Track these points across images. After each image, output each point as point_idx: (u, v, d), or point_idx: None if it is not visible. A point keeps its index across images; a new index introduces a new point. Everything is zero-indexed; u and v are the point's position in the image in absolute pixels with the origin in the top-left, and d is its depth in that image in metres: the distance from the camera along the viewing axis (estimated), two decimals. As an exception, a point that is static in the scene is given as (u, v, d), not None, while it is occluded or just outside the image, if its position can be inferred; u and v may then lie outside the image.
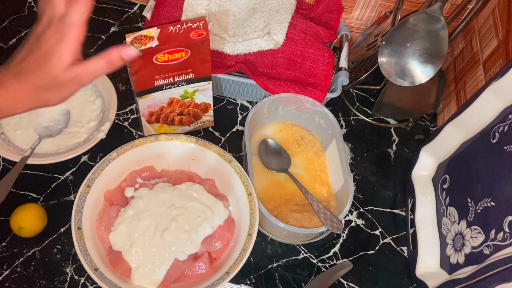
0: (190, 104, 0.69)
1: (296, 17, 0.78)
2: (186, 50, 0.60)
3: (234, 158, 0.64)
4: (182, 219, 0.59)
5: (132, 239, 0.57)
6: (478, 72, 0.73)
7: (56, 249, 0.61)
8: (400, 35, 0.69)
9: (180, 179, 0.65)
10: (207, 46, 0.61)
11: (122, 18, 0.86)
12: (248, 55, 0.74)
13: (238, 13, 0.79)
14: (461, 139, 0.66)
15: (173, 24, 0.59)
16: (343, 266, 0.64)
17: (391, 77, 0.70)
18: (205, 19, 0.60)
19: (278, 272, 0.64)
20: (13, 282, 0.58)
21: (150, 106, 0.66)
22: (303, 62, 0.75)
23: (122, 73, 0.78)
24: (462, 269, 0.58)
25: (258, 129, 0.75)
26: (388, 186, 0.76)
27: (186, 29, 0.60)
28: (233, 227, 0.62)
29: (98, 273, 0.53)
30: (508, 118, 0.57)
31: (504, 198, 0.54)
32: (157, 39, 0.58)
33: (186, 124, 0.72)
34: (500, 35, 0.69)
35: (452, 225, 0.63)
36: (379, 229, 0.71)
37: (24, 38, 0.79)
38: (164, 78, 0.63)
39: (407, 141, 0.82)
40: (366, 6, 0.83)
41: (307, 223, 0.65)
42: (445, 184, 0.67)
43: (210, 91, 0.68)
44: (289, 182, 0.69)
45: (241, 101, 0.80)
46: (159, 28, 0.58)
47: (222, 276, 0.55)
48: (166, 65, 0.61)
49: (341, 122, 0.82)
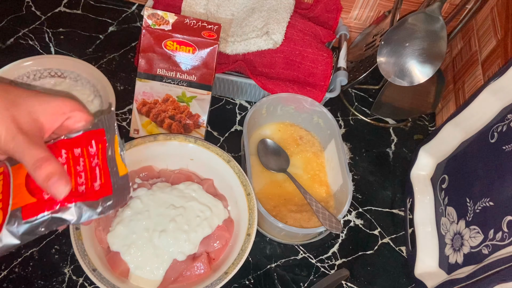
0: (184, 110, 0.68)
1: (294, 16, 0.78)
2: (194, 47, 0.61)
3: (232, 158, 0.64)
4: (181, 219, 0.59)
5: (130, 239, 0.57)
6: (476, 71, 0.73)
7: (54, 250, 0.61)
8: (399, 35, 0.69)
9: (179, 179, 0.65)
10: (214, 50, 0.62)
11: (120, 18, 0.86)
12: (246, 55, 0.74)
13: (237, 13, 0.78)
14: (459, 139, 0.66)
15: (189, 18, 0.63)
16: (339, 274, 0.63)
17: (390, 77, 0.70)
18: (220, 24, 0.64)
19: (277, 272, 0.64)
20: (11, 282, 0.57)
21: (146, 94, 0.67)
22: (302, 62, 0.75)
23: (121, 73, 0.78)
24: (461, 269, 0.58)
25: (257, 129, 0.75)
26: (387, 186, 0.76)
27: (200, 26, 0.63)
28: (231, 227, 0.62)
29: (96, 274, 0.52)
30: (506, 118, 0.57)
31: (503, 198, 0.54)
32: (171, 25, 0.60)
33: (174, 131, 0.70)
34: (498, 34, 0.69)
35: (451, 225, 0.63)
36: (378, 229, 0.71)
37: (21, 38, 0.80)
38: (167, 70, 0.64)
39: (406, 141, 0.82)
40: (365, 5, 0.83)
41: (306, 223, 0.65)
42: (444, 184, 0.67)
43: (208, 104, 0.68)
44: (288, 182, 0.69)
45: (240, 101, 0.80)
46: (177, 15, 0.62)
47: (221, 276, 0.55)
48: (173, 56, 0.63)
49: (340, 122, 0.82)
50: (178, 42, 0.62)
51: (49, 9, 0.84)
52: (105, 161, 0.44)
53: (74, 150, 0.44)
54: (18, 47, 0.78)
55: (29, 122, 0.41)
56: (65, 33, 0.81)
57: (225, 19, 0.77)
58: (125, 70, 0.79)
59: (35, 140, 0.40)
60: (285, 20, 0.75)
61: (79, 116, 0.45)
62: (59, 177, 0.39)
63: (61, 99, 0.44)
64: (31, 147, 0.39)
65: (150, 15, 0.61)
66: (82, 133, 0.45)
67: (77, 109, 0.44)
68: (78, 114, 0.44)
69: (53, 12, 0.84)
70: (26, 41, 0.79)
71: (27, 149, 0.39)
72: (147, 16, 0.62)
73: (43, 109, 0.42)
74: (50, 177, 0.39)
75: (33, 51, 0.78)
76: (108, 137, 0.45)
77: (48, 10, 0.84)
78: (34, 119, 0.41)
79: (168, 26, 0.61)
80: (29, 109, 0.41)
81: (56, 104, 0.43)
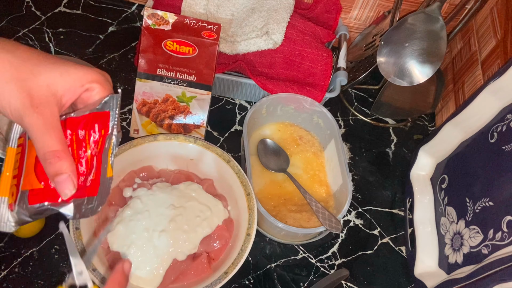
0: (184, 110, 0.69)
1: (294, 16, 0.78)
2: (194, 47, 0.62)
3: (232, 158, 0.64)
4: (181, 219, 0.59)
5: (130, 239, 0.57)
6: (476, 72, 0.73)
7: (54, 250, 0.61)
8: (399, 35, 0.69)
9: (179, 179, 0.65)
10: (214, 50, 0.62)
11: (120, 18, 0.86)
12: (246, 55, 0.74)
13: (237, 13, 0.78)
14: (459, 139, 0.67)
15: (189, 18, 0.63)
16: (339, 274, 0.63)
17: (390, 77, 0.70)
18: (220, 24, 0.64)
19: (277, 272, 0.64)
20: (11, 282, 0.57)
21: (146, 94, 0.67)
22: (302, 62, 0.75)
23: (121, 73, 0.78)
24: (461, 268, 0.58)
25: (257, 129, 0.75)
26: (386, 186, 0.76)
27: (200, 26, 0.63)
28: (231, 227, 0.62)
29: (96, 274, 0.53)
30: (506, 117, 0.57)
31: (503, 198, 0.54)
32: (171, 25, 0.60)
33: (174, 131, 0.71)
34: (498, 35, 0.69)
35: (451, 224, 0.63)
36: (378, 229, 0.71)
37: (21, 38, 0.80)
38: (167, 70, 0.64)
39: (405, 141, 0.82)
40: (364, 5, 0.83)
41: (305, 223, 0.65)
42: (443, 184, 0.67)
43: (207, 104, 0.68)
44: (288, 182, 0.69)
45: (240, 101, 0.80)
46: (176, 16, 0.61)
47: (221, 276, 0.55)
48: (172, 56, 0.62)
49: (340, 122, 0.82)
50: (178, 42, 0.62)
51: (49, 9, 0.84)
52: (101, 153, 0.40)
53: (78, 132, 0.40)
54: (18, 47, 0.78)
55: (47, 97, 0.37)
56: (65, 33, 0.81)
57: (225, 19, 0.77)
58: (125, 70, 0.79)
59: (51, 121, 0.37)
60: (285, 20, 0.75)
61: (97, 90, 0.40)
62: (67, 177, 0.37)
63: (82, 69, 0.39)
64: (45, 133, 0.37)
65: (150, 15, 0.61)
66: (88, 113, 0.40)
67: (96, 81, 0.40)
68: (96, 87, 0.40)
69: (53, 12, 0.84)
70: (26, 41, 0.79)
71: (40, 135, 0.37)
72: (147, 16, 0.62)
73: (63, 80, 0.38)
74: (59, 174, 0.37)
75: (33, 51, 0.78)
76: (112, 123, 0.40)
77: (48, 10, 0.84)
78: (52, 93, 0.37)
79: (168, 26, 0.61)
80: (48, 81, 0.37)
81: (76, 75, 0.39)
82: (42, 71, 0.37)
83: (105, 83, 0.41)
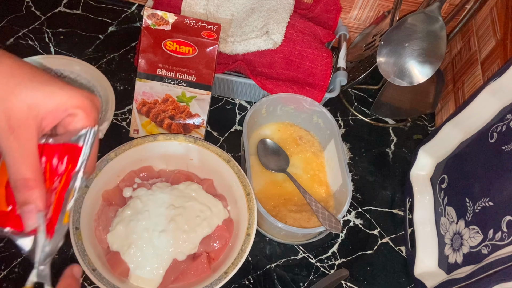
0: (183, 110, 0.69)
1: (294, 17, 0.78)
2: (194, 47, 0.62)
3: (232, 158, 0.64)
4: (181, 219, 0.59)
5: (130, 239, 0.57)
6: (476, 72, 0.73)
7: (54, 250, 0.61)
8: (398, 35, 0.69)
9: (179, 179, 0.65)
10: (214, 50, 0.62)
11: (120, 18, 0.86)
12: (246, 55, 0.74)
13: (237, 13, 0.78)
14: (459, 139, 0.67)
15: (189, 18, 0.63)
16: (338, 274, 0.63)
17: (390, 77, 0.70)
18: (220, 25, 0.64)
19: (277, 272, 0.64)
20: (11, 282, 0.57)
21: (146, 94, 0.67)
22: (302, 62, 0.75)
23: (120, 73, 0.78)
24: (460, 268, 0.58)
25: (257, 129, 0.75)
26: (386, 186, 0.76)
27: (199, 26, 0.63)
28: (231, 227, 0.62)
29: (96, 274, 0.52)
30: (506, 118, 0.57)
31: (503, 198, 0.54)
32: (171, 25, 0.60)
33: (174, 131, 0.71)
34: (498, 35, 0.69)
35: (450, 224, 0.63)
36: (378, 229, 0.71)
37: (21, 38, 0.80)
38: (167, 70, 0.65)
39: (405, 141, 0.82)
40: (364, 6, 0.83)
41: (305, 223, 0.65)
42: (443, 184, 0.67)
43: (207, 104, 0.68)
44: (288, 182, 0.69)
45: (240, 101, 0.80)
46: (176, 16, 0.62)
47: (221, 276, 0.55)
48: (172, 56, 0.63)
49: (340, 122, 0.82)
50: (177, 42, 0.62)
51: (49, 9, 0.84)
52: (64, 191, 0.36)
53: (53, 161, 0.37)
54: (18, 47, 0.78)
55: (26, 119, 0.35)
56: (65, 33, 0.81)
57: (225, 19, 0.78)
58: (125, 70, 0.79)
59: (26, 147, 0.35)
60: (284, 20, 0.75)
61: (80, 116, 0.37)
62: (34, 208, 0.35)
63: (69, 92, 0.37)
64: (19, 159, 0.35)
65: (150, 15, 0.61)
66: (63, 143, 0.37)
67: (81, 107, 0.37)
68: (80, 114, 0.37)
69: (53, 12, 0.84)
70: (26, 41, 0.79)
71: (13, 160, 0.35)
72: (147, 16, 0.62)
73: (45, 102, 0.35)
74: (27, 203, 0.35)
75: (33, 51, 0.78)
76: (81, 160, 0.37)
77: (48, 10, 0.84)
78: (33, 115, 0.35)
79: (168, 26, 0.61)
80: (30, 101, 0.35)
81: (61, 99, 0.36)
82: (24, 91, 0.35)
83: (90, 110, 0.38)
